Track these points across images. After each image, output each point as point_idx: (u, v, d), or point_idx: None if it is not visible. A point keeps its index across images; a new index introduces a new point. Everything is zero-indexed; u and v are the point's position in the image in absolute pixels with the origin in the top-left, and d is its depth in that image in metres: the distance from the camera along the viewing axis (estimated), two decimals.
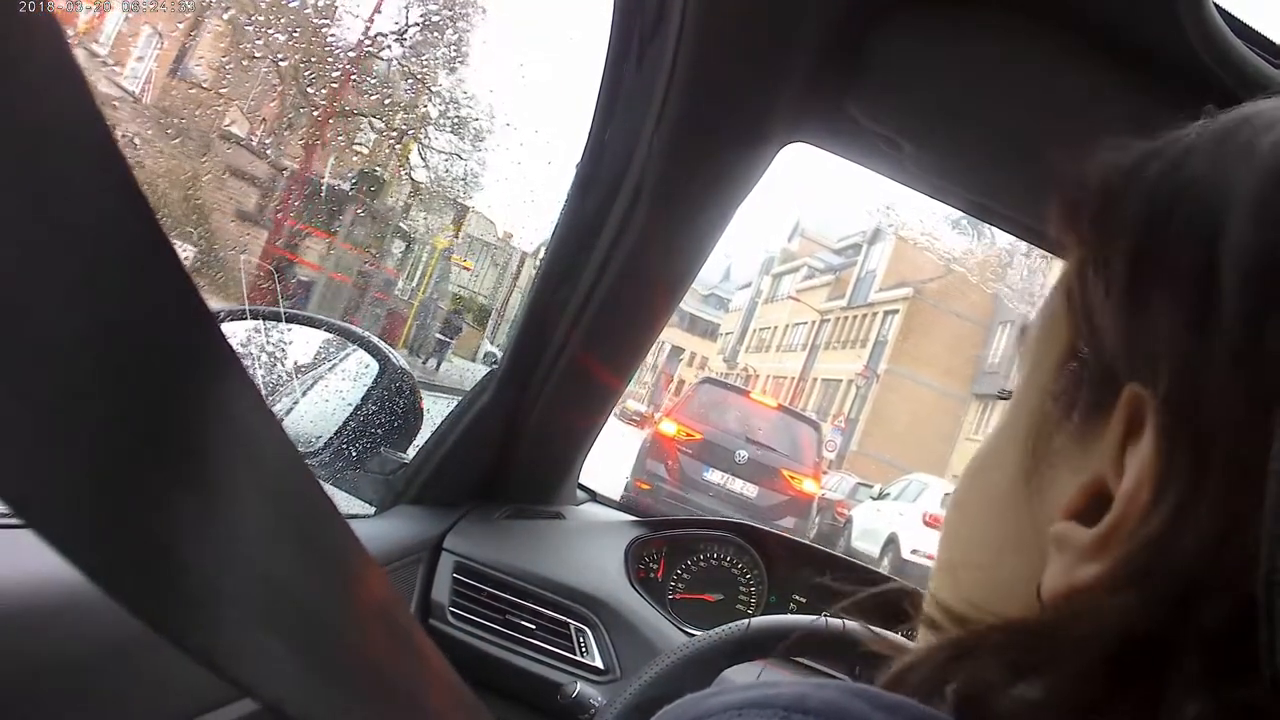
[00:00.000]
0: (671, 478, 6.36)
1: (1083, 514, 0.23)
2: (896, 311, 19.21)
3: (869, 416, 18.43)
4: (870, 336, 19.92)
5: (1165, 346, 0.22)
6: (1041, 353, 0.28)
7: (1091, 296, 0.25)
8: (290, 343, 0.89)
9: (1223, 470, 0.20)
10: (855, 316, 21.09)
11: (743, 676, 0.68)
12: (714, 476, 6.44)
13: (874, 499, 9.23)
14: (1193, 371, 0.21)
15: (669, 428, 6.67)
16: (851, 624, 0.68)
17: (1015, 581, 0.25)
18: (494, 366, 0.95)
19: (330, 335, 0.95)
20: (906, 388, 18.26)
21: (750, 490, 6.44)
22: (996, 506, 0.27)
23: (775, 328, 26.38)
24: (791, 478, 6.62)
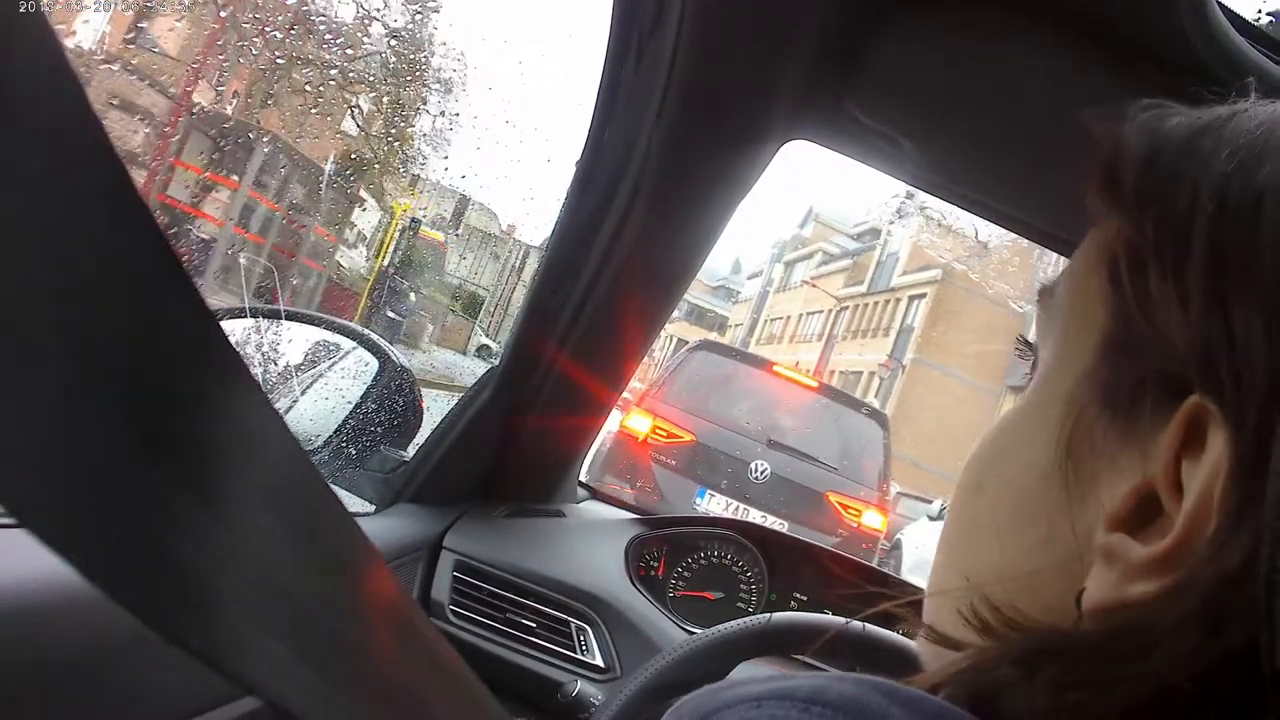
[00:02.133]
0: (641, 505, 3.18)
1: (1129, 521, 0.23)
2: (923, 296, 17.67)
3: (894, 412, 16.57)
4: (894, 324, 18.44)
5: (1257, 373, 0.20)
6: (1075, 334, 0.26)
7: (1153, 289, 0.23)
8: (289, 341, 0.89)
9: None
10: (877, 303, 19.59)
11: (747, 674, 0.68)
12: (714, 505, 4.06)
13: (932, 519, 7.15)
14: None
15: (640, 424, 4.08)
16: (885, 631, 0.67)
17: (1045, 586, 0.24)
18: (490, 361, 0.95)
19: (330, 333, 0.96)
20: (935, 380, 16.86)
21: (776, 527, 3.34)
22: (1027, 499, 0.26)
23: (788, 317, 25.20)
24: (844, 506, 4.15)
